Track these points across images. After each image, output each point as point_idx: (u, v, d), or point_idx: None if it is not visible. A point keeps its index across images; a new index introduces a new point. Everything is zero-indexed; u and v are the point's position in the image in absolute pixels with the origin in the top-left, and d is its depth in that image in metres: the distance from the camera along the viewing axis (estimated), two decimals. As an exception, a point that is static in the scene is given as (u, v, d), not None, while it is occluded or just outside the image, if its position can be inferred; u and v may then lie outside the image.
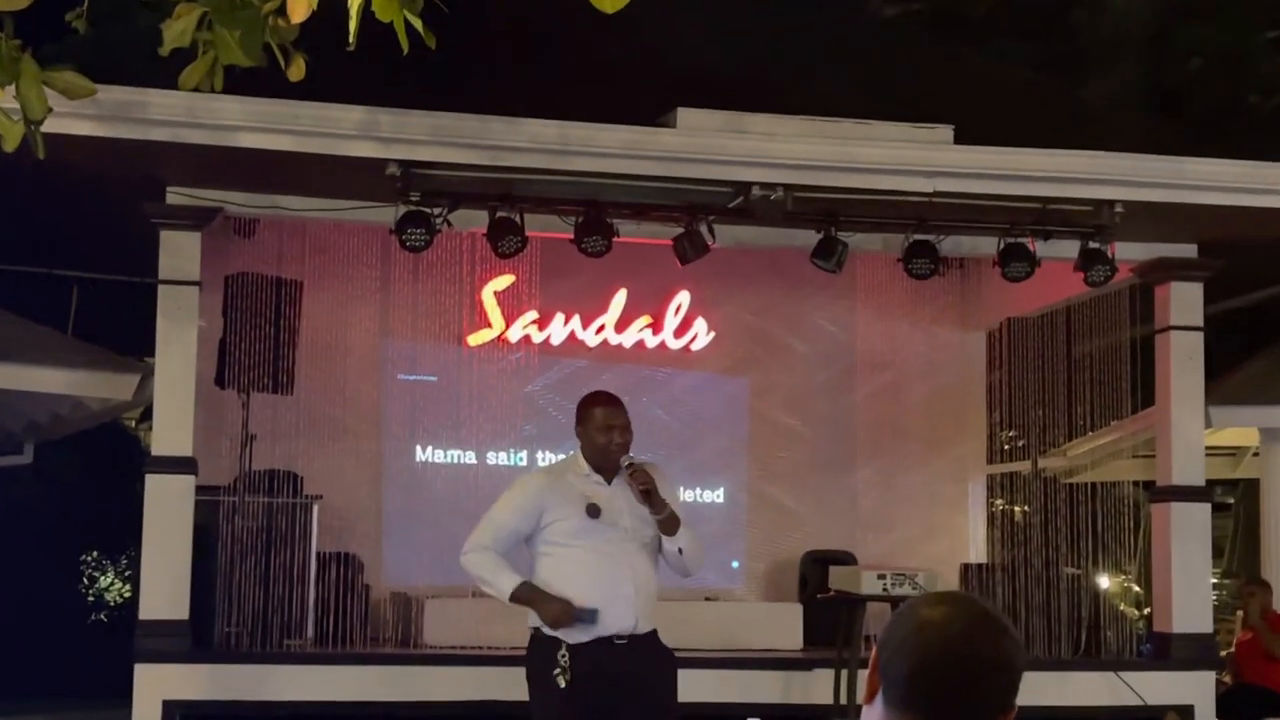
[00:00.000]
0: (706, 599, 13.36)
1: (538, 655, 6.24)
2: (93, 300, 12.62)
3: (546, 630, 6.21)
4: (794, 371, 14.45)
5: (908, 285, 12.24)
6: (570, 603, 6.16)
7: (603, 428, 6.32)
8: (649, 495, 6.27)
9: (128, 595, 18.24)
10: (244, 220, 11.73)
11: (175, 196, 10.67)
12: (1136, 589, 14.19)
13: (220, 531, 11.08)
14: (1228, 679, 12.44)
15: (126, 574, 18.57)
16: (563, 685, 6.10)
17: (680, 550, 6.41)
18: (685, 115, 10.55)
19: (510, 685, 7.28)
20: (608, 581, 6.22)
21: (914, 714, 2.19)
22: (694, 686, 10.97)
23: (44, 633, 15.92)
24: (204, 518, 10.88)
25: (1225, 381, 12.92)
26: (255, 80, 6.15)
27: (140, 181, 10.42)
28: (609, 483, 6.35)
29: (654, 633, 6.41)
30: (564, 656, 6.11)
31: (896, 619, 2.26)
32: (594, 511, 6.26)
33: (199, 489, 10.79)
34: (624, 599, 6.25)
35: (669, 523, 6.35)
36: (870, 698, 2.25)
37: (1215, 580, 13.29)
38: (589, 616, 6.22)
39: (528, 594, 6.18)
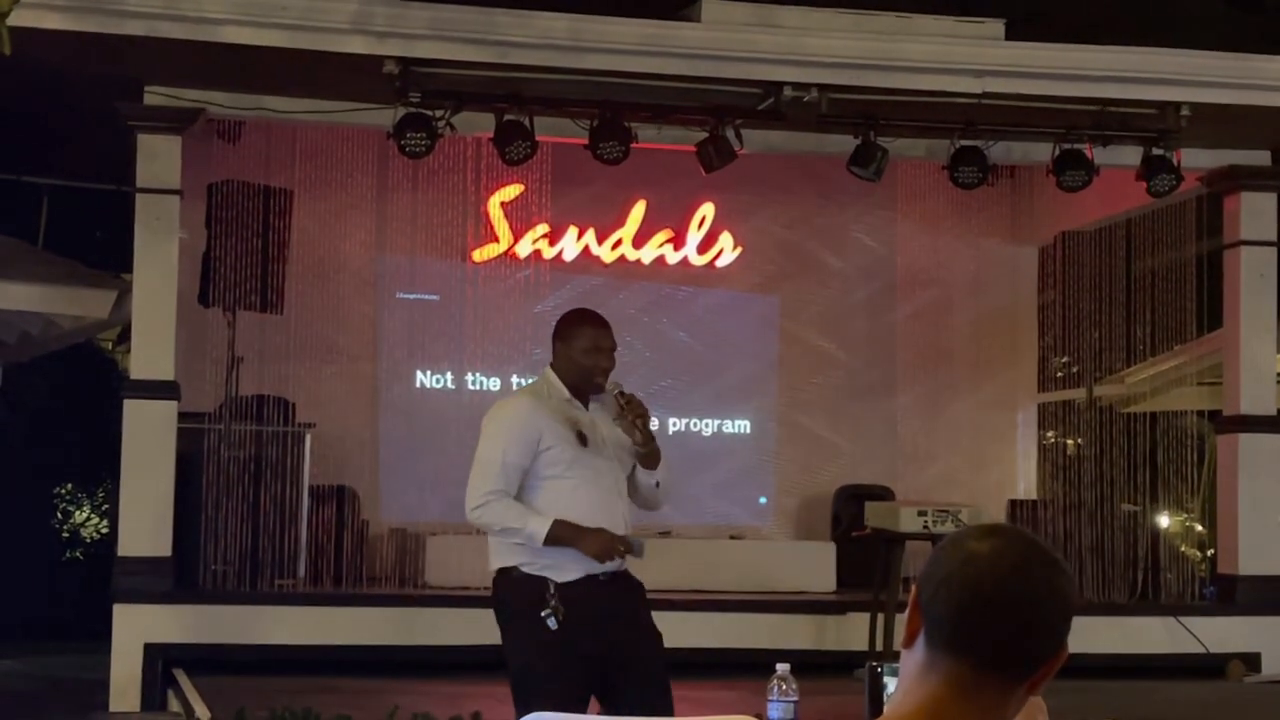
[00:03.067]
0: (732, 537, 13.43)
1: (517, 595, 6.15)
2: (65, 210, 12.64)
3: (527, 568, 6.14)
4: (829, 289, 14.44)
5: (953, 195, 12.19)
6: (612, 534, 6.13)
7: (590, 349, 6.23)
8: (644, 424, 6.22)
9: (105, 531, 18.36)
10: (228, 123, 11.72)
11: (153, 97, 10.65)
12: (1199, 528, 14.19)
13: (205, 462, 11.13)
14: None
15: (104, 508, 18.67)
16: (554, 626, 6.02)
17: (658, 484, 6.38)
18: (710, 7, 10.50)
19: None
20: (604, 513, 6.18)
21: (961, 656, 2.18)
22: (718, 631, 11.10)
23: (14, 571, 16.02)
24: (187, 447, 10.94)
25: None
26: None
27: (116, 81, 10.40)
28: (586, 407, 6.31)
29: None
30: (553, 596, 6.05)
31: (939, 553, 2.24)
32: (583, 439, 6.21)
33: (181, 416, 10.84)
34: (616, 531, 6.22)
35: (654, 455, 6.31)
36: (910, 640, 2.24)
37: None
38: (637, 549, 6.19)
39: (566, 532, 6.09)
